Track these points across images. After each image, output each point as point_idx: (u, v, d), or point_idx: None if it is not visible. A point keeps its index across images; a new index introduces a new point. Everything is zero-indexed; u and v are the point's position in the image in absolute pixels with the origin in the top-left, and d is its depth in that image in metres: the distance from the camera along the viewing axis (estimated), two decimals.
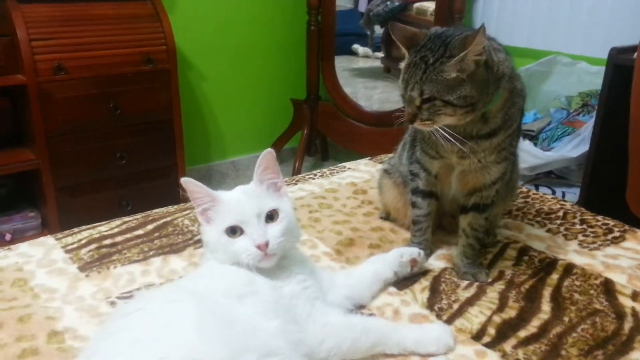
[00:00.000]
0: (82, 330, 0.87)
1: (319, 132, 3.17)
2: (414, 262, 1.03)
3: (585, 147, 2.24)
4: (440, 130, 0.93)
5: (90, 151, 2.28)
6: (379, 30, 4.55)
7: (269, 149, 0.89)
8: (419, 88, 0.91)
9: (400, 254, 1.03)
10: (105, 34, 2.27)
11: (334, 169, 1.55)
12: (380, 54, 4.26)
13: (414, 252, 1.04)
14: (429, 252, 1.13)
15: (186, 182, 0.88)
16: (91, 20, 2.25)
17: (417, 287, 1.02)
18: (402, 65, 0.95)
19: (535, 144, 2.35)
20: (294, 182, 1.47)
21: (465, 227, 1.08)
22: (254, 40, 2.99)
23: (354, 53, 4.85)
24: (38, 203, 2.31)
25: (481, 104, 0.92)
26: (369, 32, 4.63)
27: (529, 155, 2.29)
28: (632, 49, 1.96)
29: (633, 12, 2.35)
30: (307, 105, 3.08)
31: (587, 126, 2.28)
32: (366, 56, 4.82)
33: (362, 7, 4.94)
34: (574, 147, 2.30)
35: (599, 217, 1.28)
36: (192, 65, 2.82)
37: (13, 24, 2.06)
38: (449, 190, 1.09)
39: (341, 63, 3.35)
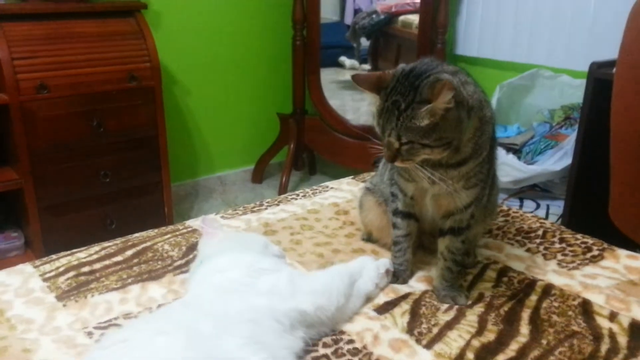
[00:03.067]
0: None
1: (305, 146, 3.17)
2: (388, 272, 1.08)
3: (568, 160, 2.26)
4: (419, 166, 0.95)
5: (74, 169, 2.27)
6: (365, 42, 4.58)
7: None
8: (396, 134, 0.91)
9: (376, 266, 1.07)
10: (88, 52, 2.26)
11: (316, 189, 1.55)
12: (367, 66, 4.29)
13: (386, 262, 1.10)
14: (409, 273, 1.14)
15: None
16: (74, 38, 2.25)
17: (397, 311, 1.02)
18: (374, 109, 0.95)
19: (519, 158, 2.37)
20: (275, 202, 1.47)
21: (443, 250, 1.09)
22: (240, 55, 3.00)
23: (341, 65, 4.88)
24: (21, 223, 2.30)
25: (457, 141, 0.93)
26: (355, 45, 4.66)
27: (512, 169, 2.30)
28: (612, 63, 1.98)
29: (613, 25, 2.38)
30: (293, 120, 3.09)
31: (570, 139, 2.31)
32: (353, 68, 4.84)
33: (348, 19, 4.98)
34: (557, 160, 2.32)
35: (578, 236, 1.29)
36: (177, 81, 2.82)
37: None
38: (426, 211, 1.10)
39: (328, 75, 3.36)
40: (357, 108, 3.64)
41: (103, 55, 2.29)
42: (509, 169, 2.29)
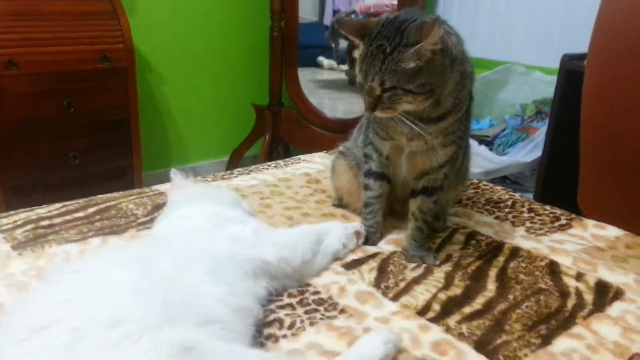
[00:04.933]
0: (10, 305, 0.82)
1: (281, 138, 3.15)
2: (357, 234, 1.06)
3: (538, 153, 2.28)
4: (401, 117, 0.94)
5: (42, 150, 2.21)
6: (343, 43, 4.60)
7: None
8: (379, 79, 0.90)
9: (344, 227, 1.05)
10: (60, 30, 2.22)
11: (288, 161, 1.54)
12: (345, 67, 4.30)
13: (356, 225, 1.08)
14: (379, 236, 1.12)
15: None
16: (45, 16, 2.20)
17: (364, 267, 1.00)
18: (357, 55, 0.94)
19: (490, 149, 2.39)
20: (246, 172, 1.45)
21: (415, 211, 1.08)
22: (216, 44, 2.98)
23: (319, 65, 4.89)
24: None
25: (439, 90, 0.93)
26: (333, 45, 4.67)
27: (484, 159, 2.32)
28: (583, 56, 2.02)
29: (584, 22, 2.42)
30: (269, 111, 3.07)
31: (541, 132, 2.34)
32: (331, 68, 4.86)
33: (327, 20, 5.00)
34: (528, 152, 2.34)
35: (547, 207, 1.29)
36: (152, 68, 2.79)
37: None
38: (400, 172, 1.09)
39: (306, 75, 3.35)
40: (335, 107, 3.64)
41: (75, 35, 2.25)
42: (481, 159, 2.31)
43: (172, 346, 0.60)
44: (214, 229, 0.89)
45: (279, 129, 3.10)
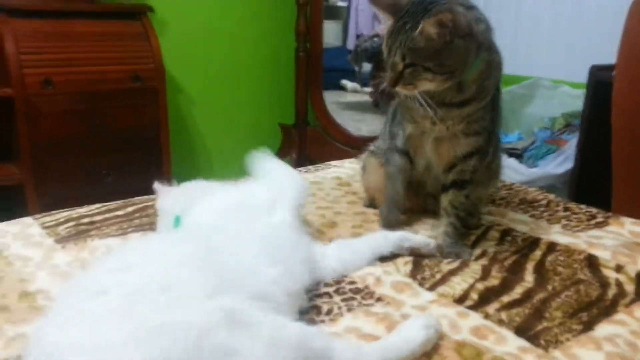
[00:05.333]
0: (55, 292, 0.84)
1: (307, 157, 3.18)
2: (415, 250, 1.02)
3: (569, 164, 2.27)
4: (420, 97, 0.95)
5: (76, 167, 2.27)
6: (366, 66, 4.66)
7: None
8: (401, 54, 0.93)
9: (404, 239, 1.02)
10: (93, 50, 2.29)
11: (319, 166, 1.55)
12: (368, 89, 4.35)
13: (421, 242, 1.03)
14: (401, 207, 1.14)
15: None
16: (80, 37, 2.28)
17: (399, 260, 1.00)
18: (385, 31, 0.96)
19: (520, 162, 2.38)
20: None
21: (447, 206, 1.08)
22: (243, 65, 3.04)
23: (342, 88, 4.95)
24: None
25: (459, 72, 0.94)
26: (357, 68, 4.73)
27: (514, 172, 2.31)
28: (612, 67, 2.02)
29: (610, 35, 2.43)
30: (295, 130, 3.11)
31: (571, 144, 2.32)
32: (355, 91, 4.91)
33: (350, 44, 5.07)
34: (559, 164, 2.33)
35: (582, 206, 1.28)
36: (181, 88, 2.85)
37: (2, 36, 2.08)
38: (425, 159, 1.10)
39: (330, 97, 3.40)
40: (358, 127, 3.67)
41: (108, 55, 2.32)
42: (511, 172, 2.30)
43: (223, 312, 0.61)
44: (248, 216, 0.91)
45: (305, 147, 3.14)
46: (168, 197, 0.99)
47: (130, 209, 1.19)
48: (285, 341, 0.62)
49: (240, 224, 0.85)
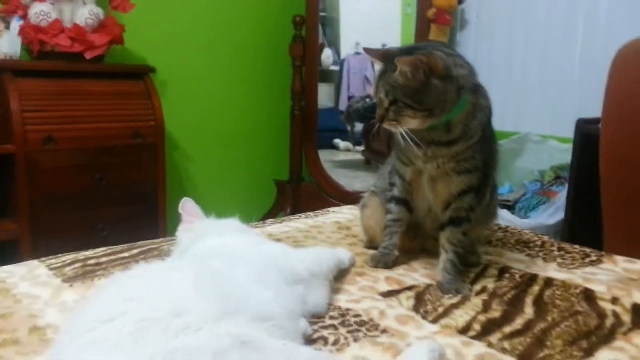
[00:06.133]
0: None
1: (301, 211, 3.20)
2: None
3: (560, 215, 2.31)
4: (405, 134, 1.02)
5: (73, 221, 2.28)
6: (358, 126, 4.78)
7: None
8: (385, 91, 1.02)
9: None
10: (96, 109, 2.35)
11: (318, 212, 1.59)
12: (361, 148, 4.44)
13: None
14: (394, 257, 1.18)
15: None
16: (83, 95, 2.35)
17: (402, 296, 1.02)
18: (375, 75, 1.04)
19: (512, 213, 2.42)
20: (279, 221, 1.50)
21: (444, 243, 1.12)
22: (240, 123, 3.12)
23: (335, 147, 5.05)
24: None
25: (439, 111, 1.02)
26: (349, 127, 4.86)
27: (507, 223, 2.34)
28: (598, 120, 2.11)
29: (596, 90, 2.54)
30: (290, 186, 3.16)
31: (561, 195, 2.37)
32: (347, 150, 5.00)
33: (342, 105, 5.21)
34: (550, 215, 2.37)
35: (576, 246, 1.31)
36: (179, 146, 2.91)
37: (8, 95, 2.14)
38: (423, 200, 1.15)
39: (324, 156, 3.48)
40: (351, 184, 3.74)
41: (110, 113, 2.38)
42: (503, 222, 2.33)
43: (232, 337, 0.63)
44: (248, 246, 0.94)
45: (299, 202, 3.17)
46: (189, 229, 1.03)
47: (135, 251, 1.21)
48: None
49: (233, 254, 0.89)
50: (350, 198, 3.03)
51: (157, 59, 2.64)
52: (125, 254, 1.18)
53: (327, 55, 5.41)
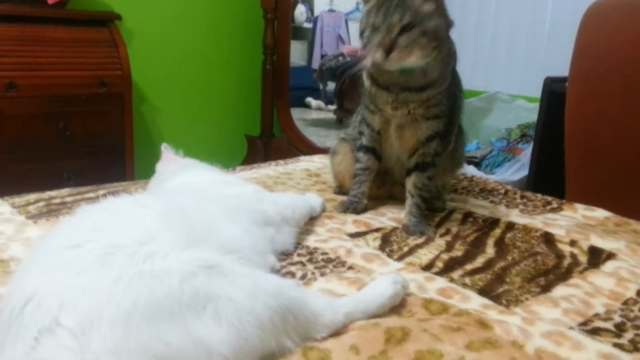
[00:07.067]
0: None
1: None
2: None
3: (525, 172, 2.36)
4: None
5: (38, 170, 2.24)
6: (330, 85, 4.75)
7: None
8: (400, 13, 0.96)
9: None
10: (60, 56, 2.28)
11: (289, 160, 1.59)
12: (333, 107, 4.43)
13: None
14: (363, 206, 1.19)
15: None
16: (47, 42, 2.27)
17: (369, 236, 1.04)
18: (365, 9, 1.01)
19: (478, 169, 2.46)
20: (248, 168, 1.49)
21: (411, 188, 1.13)
22: (210, 76, 3.07)
23: (307, 106, 5.03)
24: None
25: (442, 45, 1.00)
26: (321, 86, 4.83)
27: None
28: (565, 79, 2.14)
29: (565, 51, 2.57)
30: (260, 141, 3.14)
31: (526, 153, 2.42)
32: (319, 108, 4.99)
33: (315, 64, 5.17)
34: (515, 171, 2.42)
35: (538, 195, 1.35)
36: (147, 97, 2.86)
37: None
38: (392, 149, 1.15)
39: (295, 114, 3.46)
40: (323, 143, 3.75)
41: (74, 60, 2.31)
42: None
43: (199, 262, 0.63)
44: (218, 187, 0.94)
45: (270, 158, 3.16)
46: (169, 165, 1.02)
47: (101, 192, 1.19)
48: (263, 289, 0.65)
49: (202, 192, 0.89)
50: (322, 153, 3.04)
51: (123, 7, 2.56)
52: (91, 195, 1.17)
53: (300, 11, 5.33)
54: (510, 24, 2.78)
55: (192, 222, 0.73)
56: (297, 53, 5.29)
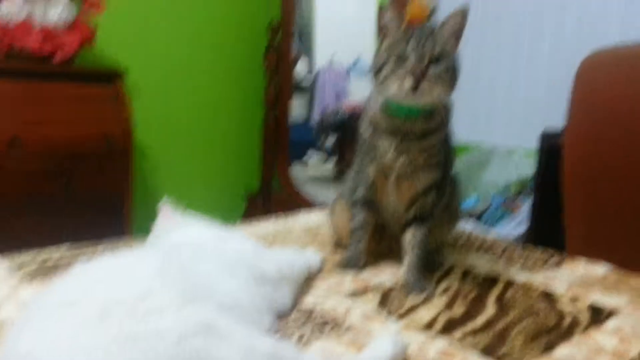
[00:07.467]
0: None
1: None
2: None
3: (525, 226, 2.36)
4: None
5: (38, 227, 2.24)
6: (330, 140, 4.81)
7: None
8: (432, 42, 0.97)
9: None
10: (65, 112, 2.32)
11: (288, 215, 1.59)
12: (332, 162, 4.48)
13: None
14: (362, 262, 1.17)
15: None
16: (52, 99, 2.31)
17: (368, 295, 1.03)
18: (386, 43, 1.02)
19: (478, 225, 2.46)
20: (248, 224, 1.49)
21: (409, 242, 1.13)
22: (210, 131, 3.11)
23: (306, 161, 5.07)
24: None
25: (454, 83, 1.01)
26: (322, 140, 4.89)
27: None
28: (561, 133, 2.16)
29: (564, 103, 2.61)
30: (260, 197, 3.15)
31: (525, 207, 2.43)
32: (318, 164, 5.04)
33: (315, 119, 5.25)
34: (514, 227, 2.42)
35: (539, 249, 1.34)
36: (148, 154, 2.89)
37: None
38: (388, 200, 1.15)
39: (294, 169, 3.50)
40: (322, 197, 3.77)
41: (79, 117, 2.35)
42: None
43: (196, 321, 0.63)
44: (217, 243, 0.93)
45: (269, 213, 3.16)
46: (167, 218, 1.03)
47: (99, 248, 1.19)
48: (258, 351, 0.64)
49: (200, 246, 0.88)
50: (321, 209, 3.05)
51: (129, 63, 2.63)
52: (90, 251, 1.16)
53: (301, 67, 5.45)
54: (508, 75, 2.83)
55: (191, 277, 0.72)
56: (296, 109, 5.39)
